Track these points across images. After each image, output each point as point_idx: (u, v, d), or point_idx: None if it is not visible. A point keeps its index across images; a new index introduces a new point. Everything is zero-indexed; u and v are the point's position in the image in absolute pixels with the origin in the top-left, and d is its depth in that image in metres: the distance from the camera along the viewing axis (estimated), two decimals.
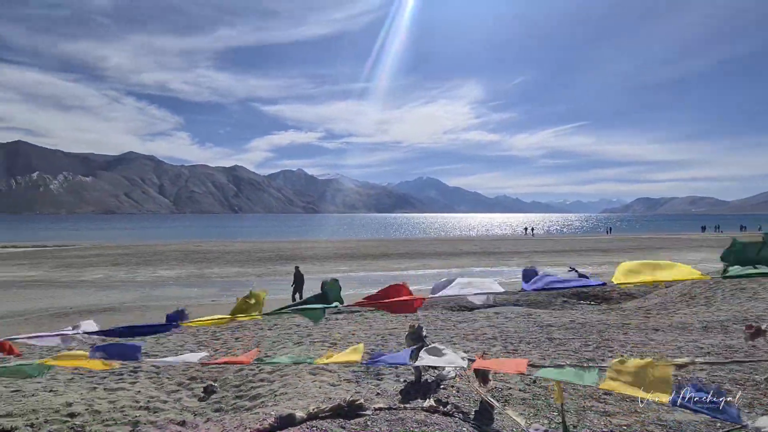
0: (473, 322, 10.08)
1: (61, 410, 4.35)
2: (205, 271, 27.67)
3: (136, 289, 22.14)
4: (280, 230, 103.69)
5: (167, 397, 5.27)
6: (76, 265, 30.98)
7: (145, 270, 28.20)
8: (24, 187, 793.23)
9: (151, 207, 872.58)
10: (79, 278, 25.37)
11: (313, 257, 34.95)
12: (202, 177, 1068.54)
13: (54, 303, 18.64)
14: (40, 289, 22.51)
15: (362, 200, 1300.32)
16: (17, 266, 30.63)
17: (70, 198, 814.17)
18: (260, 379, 5.80)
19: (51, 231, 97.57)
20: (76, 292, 21.59)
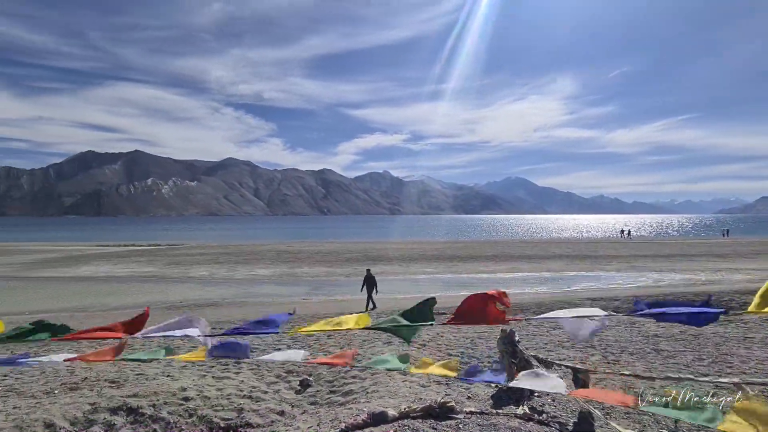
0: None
1: (177, 394, 4.78)
2: (296, 270, 29.00)
3: (235, 285, 23.75)
4: (367, 231, 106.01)
5: (267, 388, 5.58)
6: (184, 262, 33.90)
7: (243, 268, 30.17)
8: (141, 191, 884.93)
9: (247, 209, 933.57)
10: (187, 274, 27.76)
11: (400, 258, 35.26)
12: (293, 180, 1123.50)
13: (166, 297, 20.55)
14: (154, 283, 24.93)
15: (448, 201, 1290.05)
16: (136, 263, 34.17)
17: (178, 201, 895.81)
18: (352, 376, 5.96)
19: (163, 231, 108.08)
20: (185, 287, 23.62)
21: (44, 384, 5.14)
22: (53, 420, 4.04)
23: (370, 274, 16.76)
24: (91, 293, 21.91)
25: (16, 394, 4.79)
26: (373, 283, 16.54)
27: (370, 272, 16.93)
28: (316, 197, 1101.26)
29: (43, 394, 4.77)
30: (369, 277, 16.63)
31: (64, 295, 21.50)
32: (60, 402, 4.50)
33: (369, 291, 16.47)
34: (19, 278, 27.03)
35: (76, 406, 4.38)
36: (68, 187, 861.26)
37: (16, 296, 21.22)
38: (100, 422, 4.26)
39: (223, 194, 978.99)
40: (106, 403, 4.44)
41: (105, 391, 4.84)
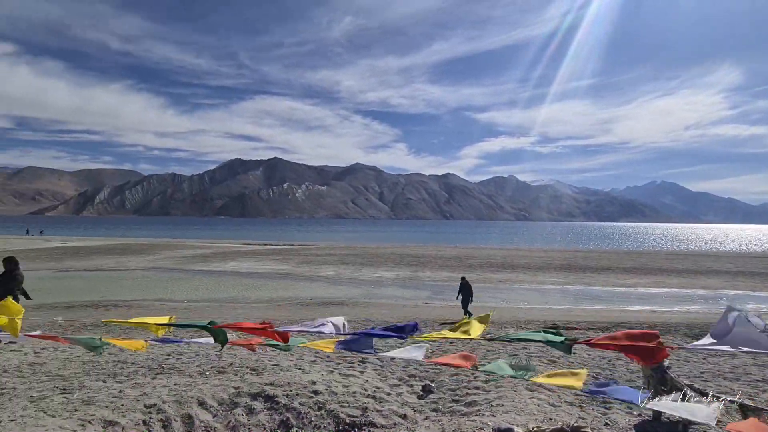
0: (732, 357, 7.98)
1: (307, 387, 5.05)
2: (418, 274, 29.29)
3: (359, 286, 24.71)
4: (491, 237, 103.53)
5: (390, 390, 5.65)
6: (314, 262, 36.22)
7: (367, 270, 31.32)
8: (278, 195, 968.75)
9: (372, 212, 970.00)
10: (316, 273, 29.61)
11: (525, 266, 33.76)
12: (417, 185, 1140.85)
13: (298, 293, 22.10)
14: (288, 280, 26.97)
15: (580, 207, 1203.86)
16: (272, 261, 37.34)
17: (310, 204, 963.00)
18: (475, 386, 5.77)
19: (296, 232, 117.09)
20: (314, 285, 25.19)
21: (198, 366, 5.80)
22: (205, 399, 4.52)
23: (465, 282, 16.19)
24: (236, 286, 24.41)
25: (177, 373, 5.46)
26: (470, 292, 15.95)
27: (465, 280, 16.38)
28: (439, 202, 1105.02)
29: (197, 374, 5.37)
30: (465, 284, 16.07)
31: (214, 287, 24.25)
32: (210, 383, 5.02)
33: (465, 300, 15.90)
34: (180, 270, 31.13)
35: (223, 388, 4.85)
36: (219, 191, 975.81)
37: (177, 286, 24.43)
38: (242, 405, 4.66)
39: (350, 198, 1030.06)
40: (248, 388, 4.86)
41: (247, 377, 5.31)
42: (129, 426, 3.98)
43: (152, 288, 23.67)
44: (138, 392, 4.70)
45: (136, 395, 4.60)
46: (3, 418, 3.93)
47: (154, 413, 4.19)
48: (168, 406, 4.33)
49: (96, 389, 4.81)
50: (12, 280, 8.58)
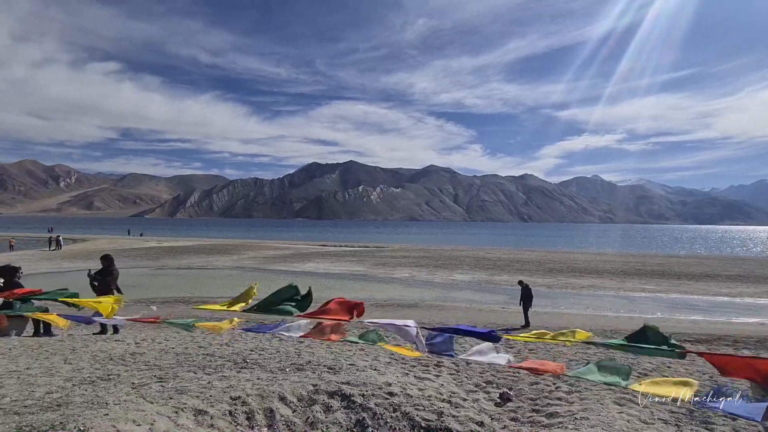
0: None
1: (383, 388, 5.07)
2: (494, 277, 28.56)
3: (434, 289, 24.55)
4: (572, 240, 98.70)
5: (466, 395, 5.52)
6: (388, 263, 36.53)
7: (441, 272, 31.05)
8: (353, 197, 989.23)
9: (446, 215, 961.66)
10: (391, 275, 29.83)
11: (612, 272, 31.79)
12: (493, 186, 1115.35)
13: (373, 294, 22.37)
14: (363, 281, 27.40)
15: (674, 209, 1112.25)
16: (348, 262, 38.14)
17: (384, 206, 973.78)
18: (557, 397, 5.49)
19: (371, 234, 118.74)
20: (388, 286, 25.38)
21: (278, 362, 6.03)
22: (285, 394, 4.68)
23: (525, 286, 15.44)
24: (313, 286, 25.01)
25: (259, 368, 5.71)
26: (530, 297, 15.20)
27: (523, 284, 15.62)
28: (516, 203, 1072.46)
29: (278, 370, 5.58)
30: (525, 289, 15.33)
31: None
32: (290, 379, 5.19)
33: (525, 306, 15.18)
34: (261, 270, 32.70)
35: (301, 385, 5.00)
36: (297, 194, 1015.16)
37: (259, 284, 25.67)
38: (320, 402, 4.77)
39: (425, 200, 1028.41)
40: (325, 386, 4.96)
41: (324, 375, 5.43)
42: (217, 416, 4.20)
43: (237, 286, 25.04)
44: (225, 384, 4.96)
45: (223, 387, 4.86)
46: (109, 401, 4.31)
47: (239, 405, 4.40)
48: (251, 399, 4.53)
49: (188, 380, 5.15)
50: (109, 275, 9.46)
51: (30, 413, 3.96)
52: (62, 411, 4.00)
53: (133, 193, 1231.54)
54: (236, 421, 4.26)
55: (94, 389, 4.73)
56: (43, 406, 4.18)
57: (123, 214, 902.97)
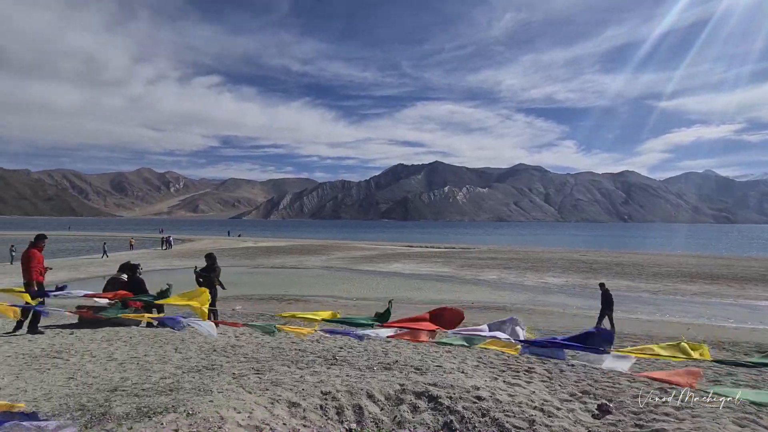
0: None
1: (470, 391, 4.96)
2: (590, 281, 26.90)
3: (524, 292, 23.67)
4: (682, 242, 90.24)
5: (560, 404, 5.24)
6: (475, 265, 35.84)
7: (532, 275, 29.86)
8: (439, 198, 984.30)
9: (537, 215, 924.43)
10: (478, 277, 29.25)
11: (729, 277, 28.60)
12: (588, 184, 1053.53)
13: (460, 296, 22.06)
14: (449, 283, 27.13)
15: None
16: (434, 263, 37.98)
17: (471, 207, 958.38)
18: (664, 412, 5.01)
19: (457, 235, 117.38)
20: (476, 288, 24.90)
21: (366, 360, 6.14)
22: (373, 392, 4.75)
23: (605, 290, 14.10)
24: (399, 287, 25.40)
25: (348, 365, 5.86)
26: (609, 302, 13.86)
27: (604, 287, 14.27)
28: (614, 202, 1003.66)
29: (366, 368, 5.69)
30: (605, 293, 14.01)
31: (379, 287, 25.58)
32: (378, 378, 5.27)
33: (603, 310, 13.88)
34: (349, 270, 33.59)
35: (389, 384, 5.04)
36: (383, 195, 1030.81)
37: (347, 284, 26.36)
38: (407, 402, 4.78)
39: (513, 200, 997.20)
40: (412, 386, 4.97)
41: (411, 375, 5.44)
42: (309, 409, 4.37)
43: (326, 285, 25.98)
44: (316, 379, 5.15)
45: (314, 382, 5.05)
46: (213, 389, 4.65)
47: (330, 400, 4.53)
48: (341, 395, 4.65)
49: (282, 373, 5.42)
50: (212, 272, 10.23)
51: (147, 396, 4.39)
52: (174, 395, 4.39)
53: (232, 196, 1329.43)
54: (327, 415, 4.39)
55: (200, 377, 5.13)
56: (158, 389, 4.62)
57: (223, 216, 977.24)
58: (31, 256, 8.05)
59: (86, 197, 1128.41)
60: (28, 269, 7.95)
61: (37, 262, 8.08)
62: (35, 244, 8.35)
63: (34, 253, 8.11)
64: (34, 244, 8.33)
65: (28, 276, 7.86)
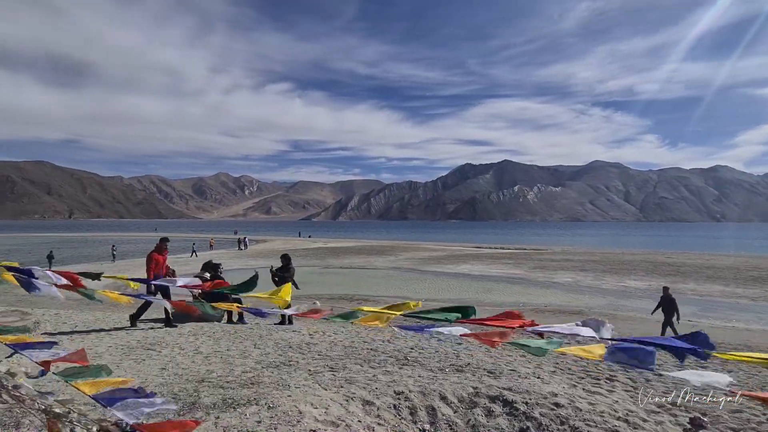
0: None
1: (548, 398, 4.78)
2: (678, 285, 25.02)
3: (602, 295, 22.48)
4: None
5: (646, 416, 4.91)
6: (548, 267, 34.52)
7: (611, 278, 28.28)
8: (508, 198, 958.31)
9: (615, 214, 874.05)
10: (551, 279, 28.15)
11: None
12: (673, 181, 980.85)
13: (532, 299, 21.36)
14: (520, 285, 26.35)
15: None
16: (504, 264, 37.03)
17: (542, 207, 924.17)
18: None
19: (528, 236, 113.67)
20: (549, 291, 23.98)
21: (438, 362, 6.10)
22: (446, 394, 4.71)
23: (667, 294, 12.78)
24: (468, 289, 25.03)
25: (419, 366, 5.86)
26: (673, 307, 12.56)
27: (667, 291, 12.93)
28: (704, 200, 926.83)
29: (437, 369, 5.65)
30: (666, 297, 12.71)
31: (447, 288, 25.35)
32: (450, 380, 5.22)
33: (667, 317, 12.59)
34: (417, 270, 33.57)
35: (461, 386, 4.98)
36: (451, 196, 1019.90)
37: (415, 285, 26.38)
38: (481, 406, 4.69)
39: (589, 199, 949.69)
40: (486, 390, 4.87)
41: (484, 379, 5.33)
42: (383, 408, 4.41)
43: (394, 286, 26.15)
44: (388, 379, 5.19)
45: (387, 381, 5.09)
46: (291, 384, 4.83)
47: (403, 400, 4.55)
48: (414, 395, 4.66)
49: (355, 371, 5.51)
50: (287, 271, 10.62)
51: (231, 388, 4.64)
52: (255, 389, 4.60)
53: (302, 198, 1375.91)
54: (400, 415, 4.41)
55: (278, 372, 5.35)
56: (241, 382, 4.86)
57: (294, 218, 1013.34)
58: (149, 258, 8.74)
59: (171, 201, 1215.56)
60: (147, 270, 8.67)
61: (155, 264, 8.74)
62: (157, 247, 9.02)
63: (153, 256, 8.79)
64: (156, 247, 9.01)
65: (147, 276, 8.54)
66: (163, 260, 8.98)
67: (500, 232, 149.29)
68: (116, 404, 2.35)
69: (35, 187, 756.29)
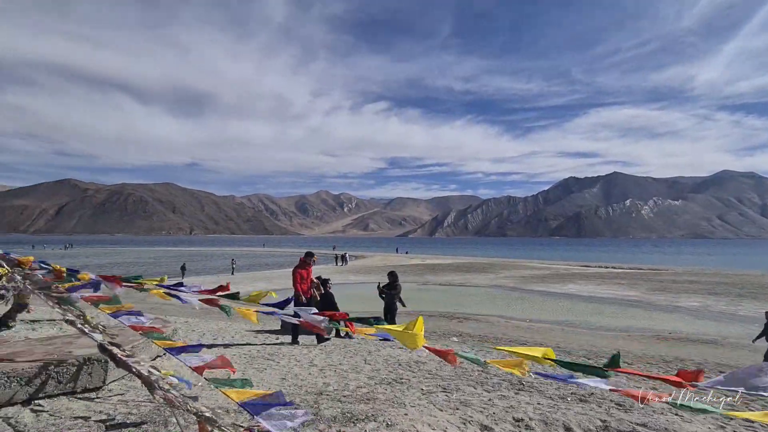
0: None
1: None
2: None
3: (738, 323, 19.87)
4: None
5: None
6: (670, 289, 31.32)
7: (750, 304, 24.86)
8: (619, 213, 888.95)
9: (750, 231, 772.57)
10: (674, 303, 25.46)
11: None
12: None
13: (651, 324, 19.45)
14: (637, 308, 24.16)
15: None
16: (617, 285, 34.23)
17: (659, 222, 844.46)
18: None
19: (643, 254, 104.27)
20: (672, 316, 21.71)
21: (557, 389, 5.73)
22: (570, 425, 4.38)
23: None
24: (576, 310, 23.51)
25: (537, 392, 5.54)
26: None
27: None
28: None
29: (558, 397, 5.30)
30: None
31: (553, 309, 24.02)
32: (573, 410, 4.86)
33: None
34: (519, 290, 32.25)
35: (587, 418, 4.61)
36: (553, 211, 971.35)
37: (518, 305, 25.34)
38: None
39: (716, 213, 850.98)
40: (616, 424, 4.45)
41: (613, 412, 4.89)
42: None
43: (495, 304, 25.34)
44: (505, 404, 4.97)
45: (504, 406, 4.87)
46: (406, 402, 4.81)
47: (523, 428, 4.31)
48: (535, 423, 4.40)
49: (469, 393, 5.36)
50: (394, 289, 10.71)
51: (348, 402, 4.73)
52: (372, 405, 4.65)
53: (398, 215, 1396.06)
54: None
55: (391, 389, 5.37)
56: (357, 397, 4.95)
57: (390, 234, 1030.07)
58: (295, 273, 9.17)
59: (276, 218, 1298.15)
60: (293, 284, 9.17)
61: (300, 278, 9.16)
62: (302, 262, 9.38)
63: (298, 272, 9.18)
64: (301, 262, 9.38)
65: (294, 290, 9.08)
66: (307, 275, 9.33)
67: (610, 249, 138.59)
68: (262, 413, 2.49)
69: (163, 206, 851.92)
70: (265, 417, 2.41)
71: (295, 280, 9.09)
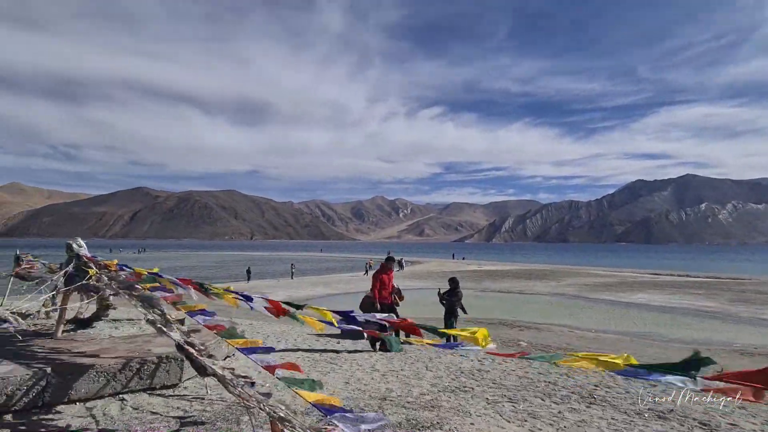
0: None
1: None
2: None
3: None
4: None
5: None
6: (754, 300, 28.90)
7: None
8: (693, 218, 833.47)
9: None
10: (758, 315, 23.47)
11: None
12: None
13: (734, 338, 18.03)
14: (716, 320, 22.50)
15: None
16: (692, 295, 32.01)
17: (740, 227, 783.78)
18: None
19: (723, 261, 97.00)
20: (757, 330, 20.04)
21: (631, 404, 5.40)
22: None
23: None
24: (647, 321, 22.23)
25: (610, 406, 5.25)
26: None
27: None
28: None
29: (633, 413, 5.00)
30: None
31: (620, 318, 22.85)
32: (651, 427, 4.55)
33: None
34: (583, 298, 30.92)
35: None
36: (619, 216, 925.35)
37: (583, 314, 24.30)
38: None
39: None
40: None
41: (696, 431, 4.54)
42: None
43: (558, 313, 24.43)
44: (576, 417, 4.75)
45: (575, 420, 4.66)
46: (471, 411, 4.71)
47: None
48: None
49: (537, 405, 5.16)
50: (454, 295, 10.56)
51: (413, 409, 4.69)
52: (436, 412, 4.59)
53: (454, 220, 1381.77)
54: None
55: (456, 398, 5.27)
56: (420, 404, 4.90)
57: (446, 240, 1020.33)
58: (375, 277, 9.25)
59: (333, 223, 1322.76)
60: (372, 289, 9.25)
61: (380, 283, 9.19)
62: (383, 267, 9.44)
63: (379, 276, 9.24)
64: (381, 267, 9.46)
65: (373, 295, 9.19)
66: (388, 280, 9.34)
67: (684, 257, 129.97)
68: (335, 414, 2.52)
69: (226, 213, 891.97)
70: (338, 418, 2.42)
71: (374, 285, 9.04)
